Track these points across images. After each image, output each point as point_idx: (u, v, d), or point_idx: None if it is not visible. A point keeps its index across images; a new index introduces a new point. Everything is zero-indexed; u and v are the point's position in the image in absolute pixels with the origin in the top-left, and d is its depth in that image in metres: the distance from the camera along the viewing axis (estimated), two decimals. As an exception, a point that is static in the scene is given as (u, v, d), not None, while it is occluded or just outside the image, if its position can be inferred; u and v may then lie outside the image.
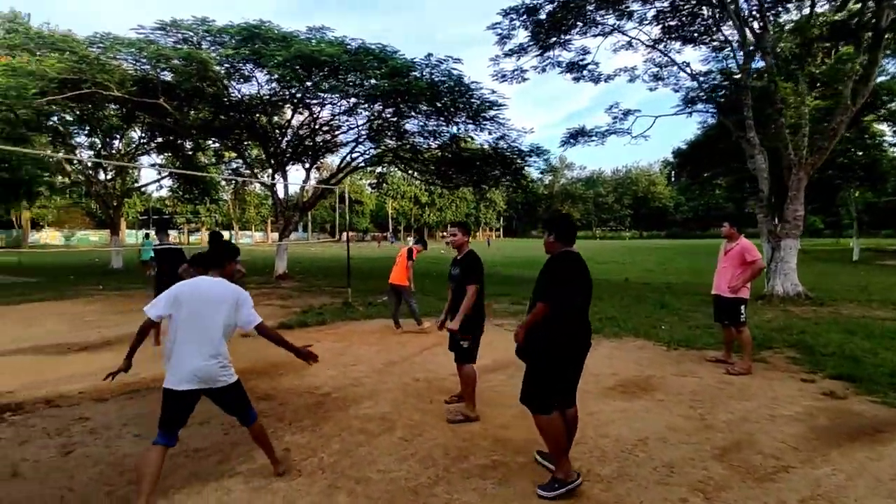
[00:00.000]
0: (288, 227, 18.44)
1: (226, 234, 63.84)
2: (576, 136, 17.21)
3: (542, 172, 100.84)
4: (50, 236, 55.21)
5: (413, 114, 18.84)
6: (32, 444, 4.27)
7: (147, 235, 19.92)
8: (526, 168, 20.42)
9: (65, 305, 12.42)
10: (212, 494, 3.49)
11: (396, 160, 21.56)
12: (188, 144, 24.76)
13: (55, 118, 20.78)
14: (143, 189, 28.32)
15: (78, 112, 20.45)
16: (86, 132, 23.10)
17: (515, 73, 15.98)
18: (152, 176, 28.58)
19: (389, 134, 20.11)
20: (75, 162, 21.82)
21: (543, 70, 15.93)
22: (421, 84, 14.73)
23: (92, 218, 58.96)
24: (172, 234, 63.51)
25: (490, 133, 18.50)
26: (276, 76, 14.97)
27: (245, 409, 3.54)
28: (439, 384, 5.96)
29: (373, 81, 15.16)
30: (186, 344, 3.22)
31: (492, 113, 16.92)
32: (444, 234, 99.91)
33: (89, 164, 20.95)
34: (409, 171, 22.97)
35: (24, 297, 13.72)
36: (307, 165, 19.97)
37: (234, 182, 50.42)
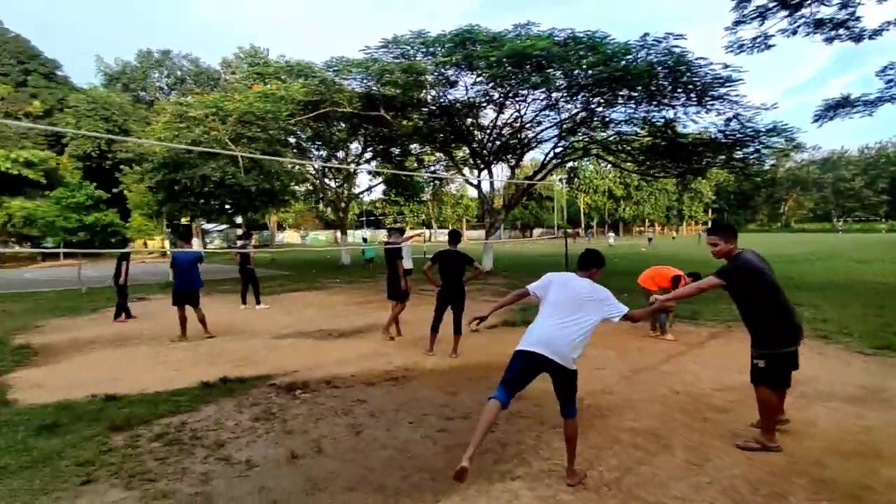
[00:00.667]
0: (494, 225, 18.81)
1: (426, 232, 68.94)
2: (835, 107, 14.20)
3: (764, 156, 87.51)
4: (290, 236, 66.01)
5: (621, 101, 17.69)
6: (325, 422, 4.74)
7: (365, 239, 22.17)
8: (763, 150, 17.63)
9: (315, 296, 14.39)
10: (501, 496, 3.39)
11: (602, 151, 20.50)
12: (395, 151, 27.16)
13: (296, 136, 24.54)
14: (360, 195, 31.77)
15: (313, 129, 23.60)
16: (318, 146, 26.68)
17: (758, 40, 13.72)
18: (369, 182, 31.69)
19: (594, 125, 19.19)
20: (312, 172, 25.18)
21: (794, 33, 13.41)
22: (639, 67, 13.63)
23: (321, 220, 68.91)
24: (382, 233, 70.65)
25: (719, 114, 16.37)
26: (487, 77, 15.30)
27: (573, 399, 3.58)
28: (707, 400, 5.20)
29: (585, 71, 14.53)
30: (549, 318, 3.55)
31: (722, 91, 14.91)
32: (641, 229, 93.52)
33: (319, 171, 24.19)
34: (612, 163, 21.64)
35: (283, 287, 16.29)
36: (512, 163, 20.15)
37: (433, 183, 53.95)
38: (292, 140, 24.39)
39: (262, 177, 17.14)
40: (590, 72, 15.05)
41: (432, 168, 31.10)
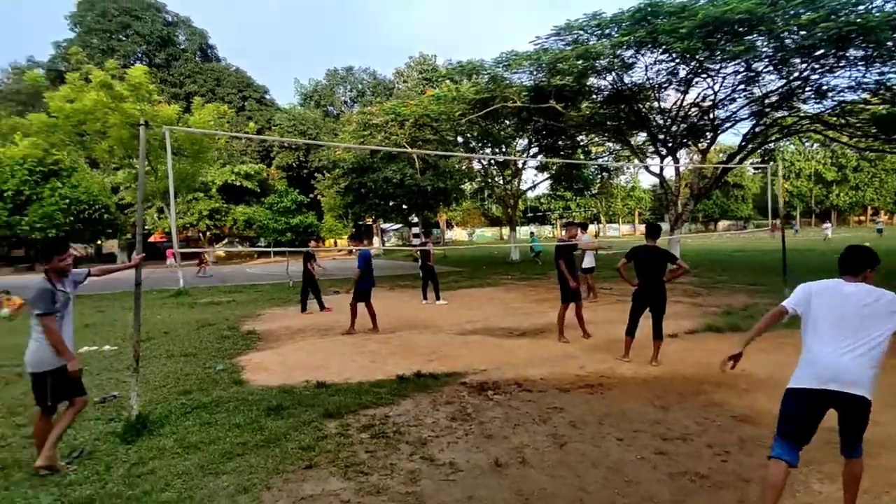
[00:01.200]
0: (680, 218, 17.01)
1: (591, 228, 66.15)
2: None
3: None
4: (458, 234, 68.59)
5: (844, 64, 14.61)
6: (524, 429, 4.47)
7: (533, 234, 21.75)
8: None
9: (491, 293, 14.43)
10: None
11: (818, 127, 17.24)
12: (563, 143, 26.18)
13: (464, 136, 25.09)
14: (528, 190, 31.39)
15: (481, 128, 23.78)
16: (485, 144, 26.90)
17: None
18: (538, 177, 31.14)
19: (806, 96, 16.20)
20: (478, 168, 25.41)
21: None
22: (876, 18, 11.03)
23: (486, 217, 70.37)
24: (547, 229, 69.60)
25: None
26: (675, 51, 13.77)
27: (860, 436, 2.86)
28: None
29: (798, 32, 12.23)
30: (832, 342, 2.83)
31: None
32: (861, 218, 77.92)
33: (488, 168, 24.34)
34: (834, 141, 18.06)
35: (458, 284, 16.68)
36: (703, 146, 18.02)
37: (600, 175, 51.31)
38: (461, 140, 25.07)
39: (436, 177, 17.82)
40: (802, 32, 12.63)
41: (600, 160, 29.56)
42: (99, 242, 34.57)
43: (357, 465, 3.86)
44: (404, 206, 18.94)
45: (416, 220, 28.90)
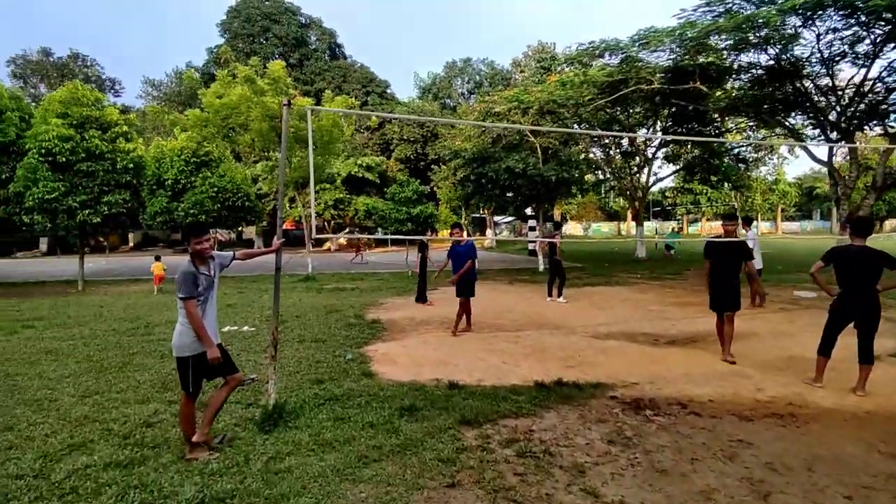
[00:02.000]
0: (858, 210, 14.40)
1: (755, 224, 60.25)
2: None
3: None
4: (573, 228, 66.14)
5: None
6: (706, 466, 3.65)
7: (673, 228, 19.86)
8: None
9: (619, 292, 13.28)
10: None
11: None
12: (700, 128, 23.61)
13: (589, 124, 23.56)
14: (661, 180, 28.84)
15: (608, 115, 22.18)
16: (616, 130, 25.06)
17: None
18: (666, 168, 28.62)
19: None
20: (603, 159, 23.77)
21: None
22: None
23: (603, 211, 67.03)
24: (670, 224, 64.75)
25: None
26: (862, 16, 11.53)
27: None
28: None
29: None
30: None
31: None
32: None
33: (614, 157, 22.64)
34: None
35: (581, 281, 15.64)
36: (893, 128, 15.11)
37: (738, 167, 46.29)
38: (582, 127, 23.60)
39: (560, 166, 16.83)
40: None
41: (734, 151, 26.39)
42: (240, 228, 37.99)
43: (507, 489, 3.32)
44: (522, 198, 18.17)
45: (530, 212, 27.99)
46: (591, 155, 21.50)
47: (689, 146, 26.17)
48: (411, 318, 9.78)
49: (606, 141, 24.15)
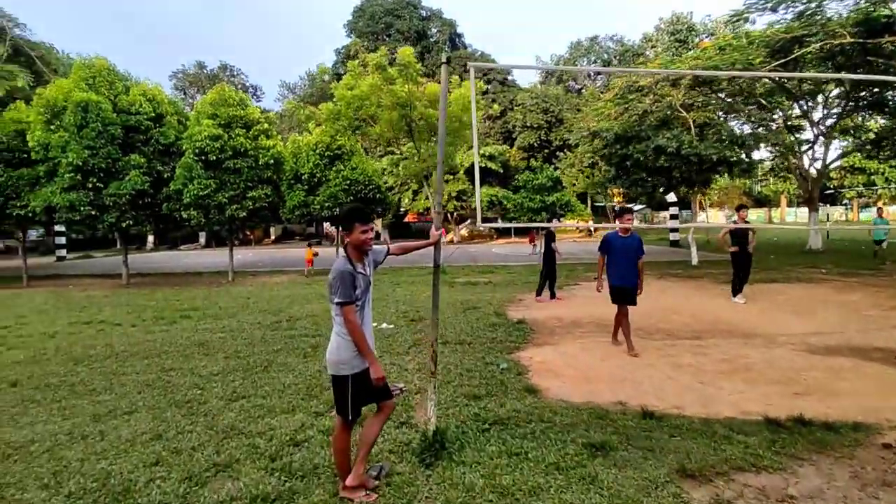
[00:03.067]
0: None
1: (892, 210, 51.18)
2: None
3: None
4: (713, 216, 59.83)
5: None
6: None
7: (882, 217, 16.43)
8: None
9: (813, 291, 10.96)
10: None
11: None
12: (890, 97, 19.21)
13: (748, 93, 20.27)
14: (838, 158, 24.31)
15: (774, 82, 18.96)
16: (782, 101, 21.40)
17: None
18: (841, 144, 24.14)
19: None
20: (775, 128, 20.31)
21: None
22: None
23: (748, 196, 59.77)
24: (838, 210, 56.14)
25: None
26: None
27: None
28: None
29: None
30: None
31: None
32: None
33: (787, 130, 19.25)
34: None
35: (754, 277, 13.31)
36: None
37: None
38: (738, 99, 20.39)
39: (721, 144, 14.45)
40: None
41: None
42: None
43: None
44: (673, 181, 15.96)
45: (672, 198, 25.21)
46: (759, 129, 18.43)
47: (874, 116, 21.73)
48: (558, 319, 8.67)
49: (775, 114, 20.66)
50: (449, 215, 40.89)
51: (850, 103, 20.21)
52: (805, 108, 20.45)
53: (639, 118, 15.12)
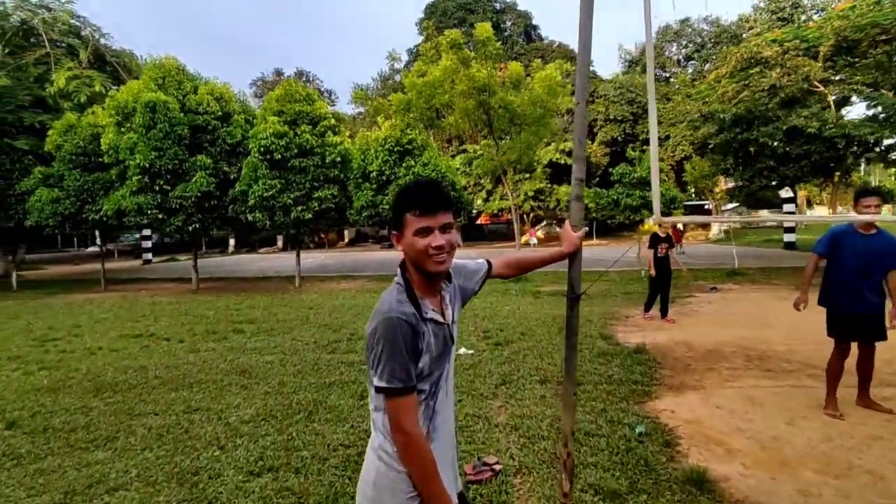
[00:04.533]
0: None
1: None
2: None
3: None
4: (820, 212, 53.42)
5: None
6: None
7: None
8: None
9: None
10: None
11: None
12: None
13: None
14: None
15: None
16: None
17: None
18: None
19: None
20: None
21: None
22: None
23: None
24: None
25: None
26: None
27: None
28: None
29: None
30: None
31: None
32: None
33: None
34: None
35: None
36: None
37: None
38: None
39: (876, 122, 11.55)
40: None
41: None
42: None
43: None
44: (807, 169, 13.09)
45: (786, 194, 21.79)
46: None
47: None
48: (687, 346, 6.65)
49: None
50: (525, 216, 38.79)
51: None
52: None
53: (765, 95, 12.49)
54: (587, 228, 3.01)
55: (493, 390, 5.06)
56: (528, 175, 32.75)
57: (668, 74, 43.06)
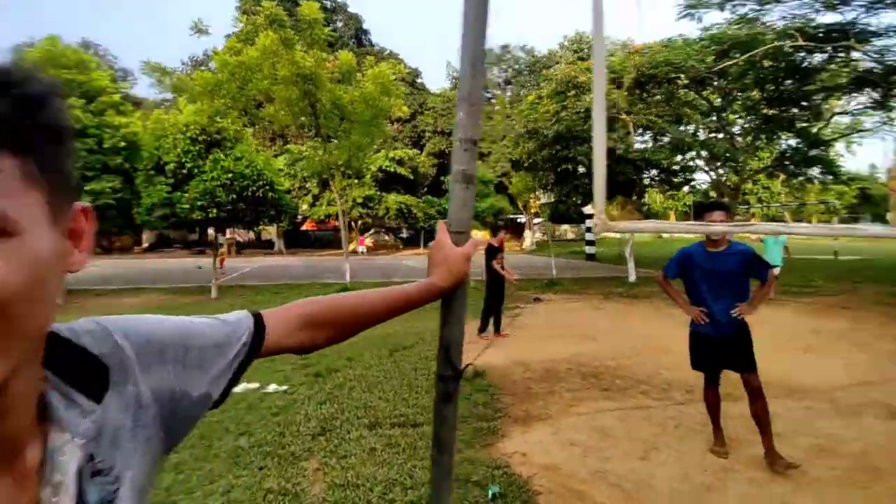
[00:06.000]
0: None
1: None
2: None
3: None
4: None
5: None
6: None
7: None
8: None
9: (785, 316, 9.55)
10: None
11: None
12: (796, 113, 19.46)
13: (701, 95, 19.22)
14: (755, 174, 24.47)
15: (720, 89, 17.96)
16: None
17: None
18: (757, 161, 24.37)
19: None
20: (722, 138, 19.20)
21: None
22: None
23: (640, 212, 62.64)
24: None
25: None
26: None
27: None
28: None
29: None
30: None
31: None
32: None
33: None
34: None
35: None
36: None
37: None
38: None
39: (673, 150, 13.10)
40: None
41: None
42: (260, 227, 34.88)
43: None
44: (613, 188, 14.50)
45: (590, 209, 24.24)
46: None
47: (782, 136, 22.04)
48: (524, 366, 6.26)
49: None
50: (353, 223, 37.65)
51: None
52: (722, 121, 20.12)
53: (581, 117, 13.46)
54: (480, 238, 2.40)
55: (308, 444, 3.90)
56: (356, 180, 31.71)
57: (490, 95, 45.90)
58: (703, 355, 3.80)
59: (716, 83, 16.02)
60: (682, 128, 13.46)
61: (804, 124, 20.21)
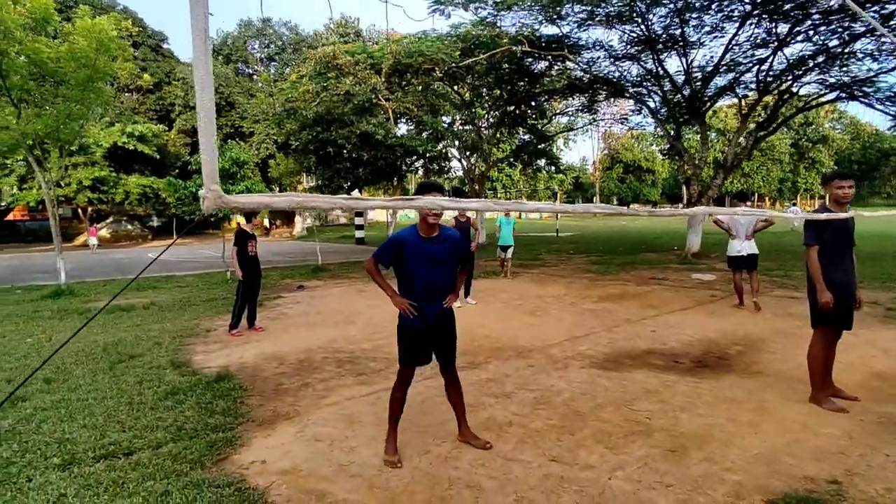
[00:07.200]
0: (706, 194, 14.63)
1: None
2: None
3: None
4: (380, 216, 63.93)
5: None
6: None
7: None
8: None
9: (522, 286, 10.99)
10: None
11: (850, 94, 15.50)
12: (529, 111, 22.94)
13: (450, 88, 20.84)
14: (498, 163, 27.54)
15: (466, 84, 19.57)
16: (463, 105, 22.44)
17: None
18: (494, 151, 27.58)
19: (844, 59, 14.39)
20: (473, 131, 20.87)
21: None
22: None
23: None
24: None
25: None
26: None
27: None
28: None
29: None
30: None
31: None
32: (750, 203, 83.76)
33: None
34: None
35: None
36: (742, 111, 15.72)
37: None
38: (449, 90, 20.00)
39: (427, 138, 13.86)
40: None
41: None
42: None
43: None
44: (373, 173, 14.67)
45: (358, 194, 24.54)
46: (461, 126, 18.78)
47: (519, 130, 25.51)
48: (279, 359, 5.88)
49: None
50: (81, 212, 31.19)
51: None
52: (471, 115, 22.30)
53: (341, 100, 13.25)
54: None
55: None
56: (81, 159, 26.20)
57: (251, 71, 42.58)
58: (413, 349, 3.47)
59: (468, 80, 17.63)
60: (440, 118, 14.51)
61: (534, 121, 23.76)
